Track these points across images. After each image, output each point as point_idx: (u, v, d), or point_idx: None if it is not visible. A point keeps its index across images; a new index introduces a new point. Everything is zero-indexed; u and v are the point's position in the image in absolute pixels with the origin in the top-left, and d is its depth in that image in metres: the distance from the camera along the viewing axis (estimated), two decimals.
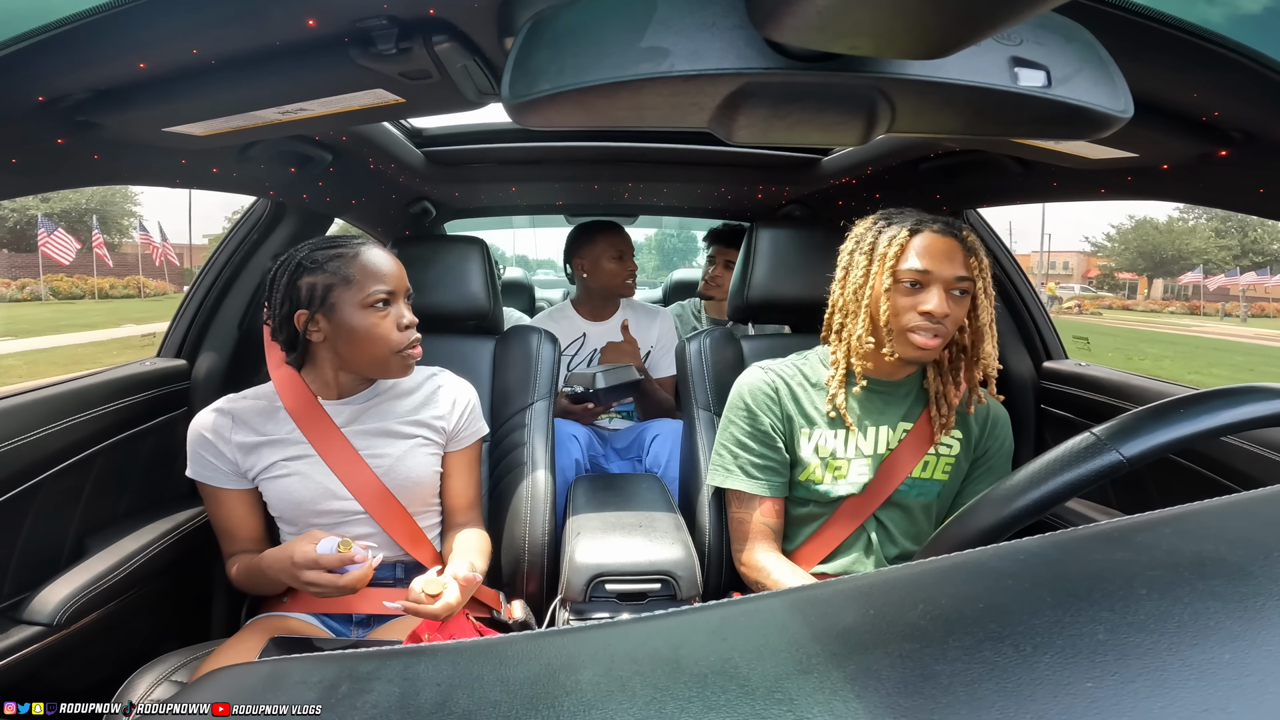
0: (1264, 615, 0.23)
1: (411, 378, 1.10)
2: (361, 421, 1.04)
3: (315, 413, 1.01)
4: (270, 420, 1.01)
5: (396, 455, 1.03)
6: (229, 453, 0.98)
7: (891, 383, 1.04)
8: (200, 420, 1.00)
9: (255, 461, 0.99)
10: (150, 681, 0.90)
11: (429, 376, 1.12)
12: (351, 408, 1.04)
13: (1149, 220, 43.09)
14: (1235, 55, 0.55)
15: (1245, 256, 39.34)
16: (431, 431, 1.07)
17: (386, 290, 0.98)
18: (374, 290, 0.97)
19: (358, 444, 1.02)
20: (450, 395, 1.10)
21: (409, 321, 1.00)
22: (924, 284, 0.96)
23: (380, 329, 0.97)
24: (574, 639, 0.26)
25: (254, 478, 1.00)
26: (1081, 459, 0.49)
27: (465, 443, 1.11)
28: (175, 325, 1.41)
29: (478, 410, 1.14)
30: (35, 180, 0.83)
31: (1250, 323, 26.06)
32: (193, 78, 0.68)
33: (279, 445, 1.00)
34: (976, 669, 0.21)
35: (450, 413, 1.09)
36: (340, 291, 0.97)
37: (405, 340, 0.99)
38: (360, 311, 0.97)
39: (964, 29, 0.38)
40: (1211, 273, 35.27)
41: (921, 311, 0.95)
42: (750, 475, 1.05)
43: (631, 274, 1.91)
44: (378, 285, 0.97)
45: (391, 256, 1.03)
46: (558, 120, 0.48)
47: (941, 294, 0.95)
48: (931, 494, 1.04)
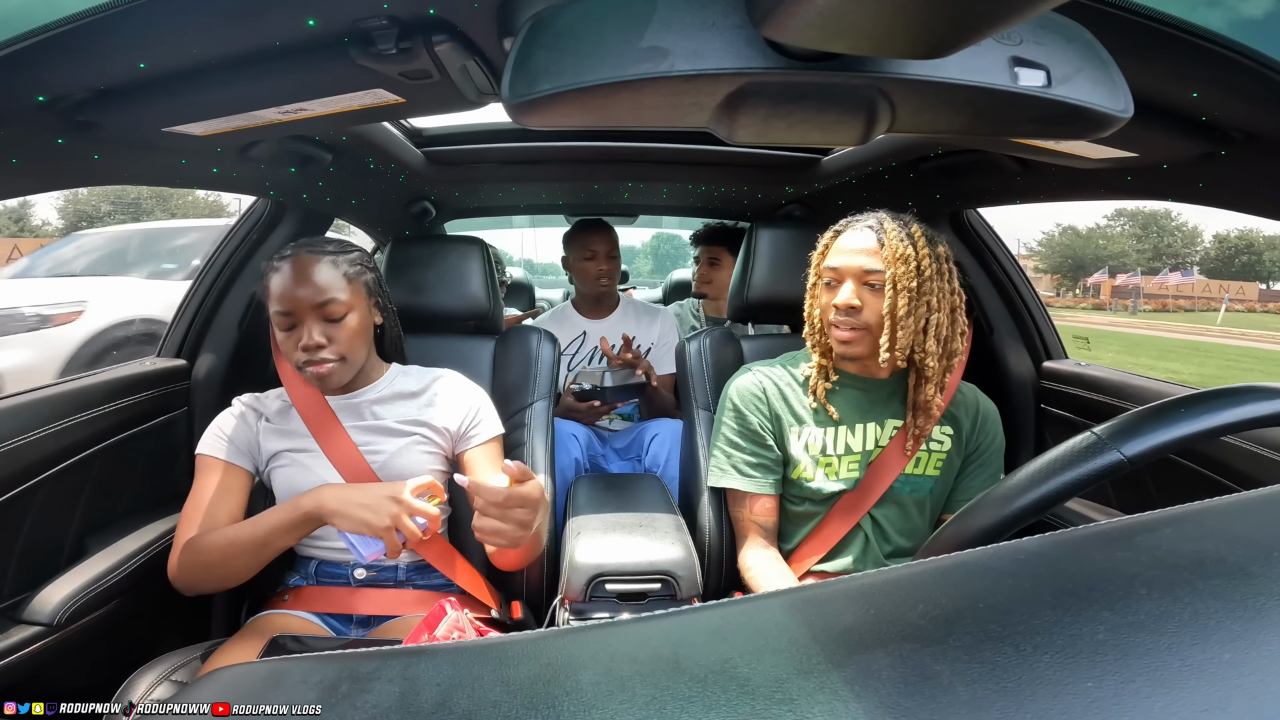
0: (1264, 615, 0.23)
1: (418, 380, 1.13)
2: (362, 418, 1.07)
3: (320, 408, 1.06)
4: (285, 414, 1.07)
5: (391, 451, 1.05)
6: (248, 436, 1.04)
7: (875, 380, 1.05)
8: (236, 403, 1.08)
9: (269, 448, 1.04)
10: (150, 681, 0.89)
11: (435, 379, 1.13)
12: (353, 403, 1.08)
13: (1072, 228, 50.60)
14: (1235, 55, 0.55)
15: (1159, 259, 46.63)
16: (430, 431, 1.07)
17: (284, 312, 0.99)
18: (275, 309, 0.99)
19: (358, 439, 1.05)
20: (455, 397, 1.11)
21: (305, 344, 0.98)
22: (837, 280, 1.00)
23: (285, 346, 1.01)
24: (574, 639, 0.26)
25: (265, 464, 1.05)
26: (1082, 458, 0.49)
27: (479, 440, 1.10)
28: (175, 325, 1.41)
29: (486, 409, 1.13)
30: (35, 180, 0.83)
31: (1139, 315, 32.79)
32: (193, 78, 0.68)
33: (288, 436, 1.05)
34: (976, 669, 0.21)
35: (454, 414, 1.10)
36: (266, 303, 1.01)
37: (303, 359, 0.99)
38: (275, 326, 1.01)
39: (964, 29, 0.38)
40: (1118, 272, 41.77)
41: (834, 306, 0.99)
42: (744, 474, 1.07)
43: (604, 273, 1.89)
44: (277, 306, 0.99)
45: (313, 269, 0.99)
46: (558, 120, 0.48)
47: (852, 288, 0.98)
48: (924, 490, 1.04)
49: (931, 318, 0.97)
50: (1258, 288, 46.50)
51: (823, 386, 1.05)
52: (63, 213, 35.24)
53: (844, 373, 1.06)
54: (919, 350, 0.97)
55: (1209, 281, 45.39)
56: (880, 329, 0.97)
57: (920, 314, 0.96)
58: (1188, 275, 37.27)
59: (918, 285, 0.95)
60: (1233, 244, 47.67)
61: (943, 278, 0.97)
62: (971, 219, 1.60)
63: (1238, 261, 47.03)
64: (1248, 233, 47.76)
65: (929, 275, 0.95)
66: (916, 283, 0.95)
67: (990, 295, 1.62)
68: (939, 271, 0.97)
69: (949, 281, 0.98)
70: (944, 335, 0.98)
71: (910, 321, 0.95)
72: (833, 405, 1.05)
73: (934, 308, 0.96)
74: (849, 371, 1.06)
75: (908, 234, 0.97)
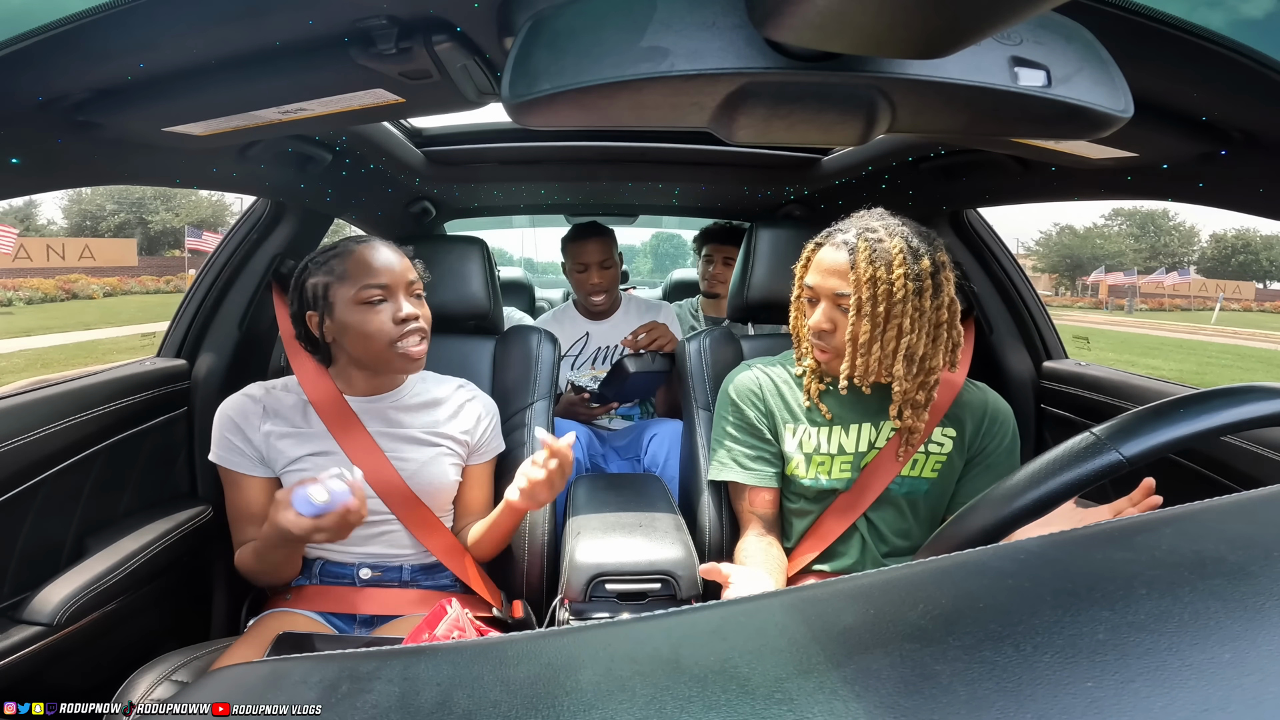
0: (1264, 615, 0.23)
1: (441, 388, 1.12)
2: (390, 425, 1.05)
3: (342, 410, 1.03)
4: (301, 414, 1.03)
5: (422, 461, 1.04)
6: (256, 440, 1.00)
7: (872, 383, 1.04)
8: (230, 404, 1.02)
9: (281, 452, 1.00)
10: (150, 681, 0.90)
11: (458, 388, 1.14)
12: (378, 407, 1.05)
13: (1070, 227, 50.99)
14: (1235, 55, 0.55)
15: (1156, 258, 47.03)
16: (455, 444, 1.09)
17: (379, 285, 0.97)
18: (365, 284, 0.96)
19: (384, 446, 1.03)
20: (476, 411, 1.12)
21: (405, 315, 0.98)
22: (814, 299, 1.00)
23: (372, 324, 0.96)
24: (574, 639, 0.26)
25: (279, 469, 1.01)
26: (1081, 459, 0.49)
27: (485, 457, 1.13)
28: (175, 325, 1.41)
29: (498, 426, 1.16)
30: (35, 180, 0.83)
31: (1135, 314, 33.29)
32: (193, 78, 0.68)
33: (307, 439, 1.01)
34: (976, 668, 0.21)
35: (475, 428, 1.11)
36: (336, 289, 0.98)
37: (399, 332, 0.97)
38: (354, 307, 0.97)
39: (964, 29, 0.38)
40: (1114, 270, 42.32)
41: (809, 327, 0.99)
42: (744, 467, 1.07)
43: (597, 287, 1.86)
44: (369, 279, 0.97)
45: (393, 250, 1.02)
46: (558, 120, 0.48)
47: (826, 309, 0.97)
48: (920, 492, 1.04)
49: (902, 340, 0.92)
50: (1254, 287, 46.69)
51: (816, 387, 1.05)
52: (67, 212, 35.86)
53: (837, 378, 1.06)
54: (884, 374, 0.95)
55: (1205, 281, 45.61)
56: (841, 349, 0.96)
57: (889, 337, 0.93)
58: (1184, 275, 37.78)
59: (885, 309, 0.91)
60: (1229, 243, 47.90)
61: (922, 296, 0.92)
62: (971, 219, 1.60)
63: (1234, 261, 47.27)
64: (1245, 232, 48.08)
65: (900, 297, 0.91)
66: (884, 307, 0.91)
67: (990, 295, 1.62)
68: (918, 290, 0.92)
69: (931, 298, 0.93)
70: (917, 356, 0.94)
71: (876, 348, 0.93)
72: (827, 405, 1.05)
73: (906, 330, 0.92)
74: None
75: (884, 251, 0.92)
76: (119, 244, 29.47)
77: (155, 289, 23.93)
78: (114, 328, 13.20)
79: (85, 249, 26.44)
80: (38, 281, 20.20)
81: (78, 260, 25.38)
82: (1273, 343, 18.17)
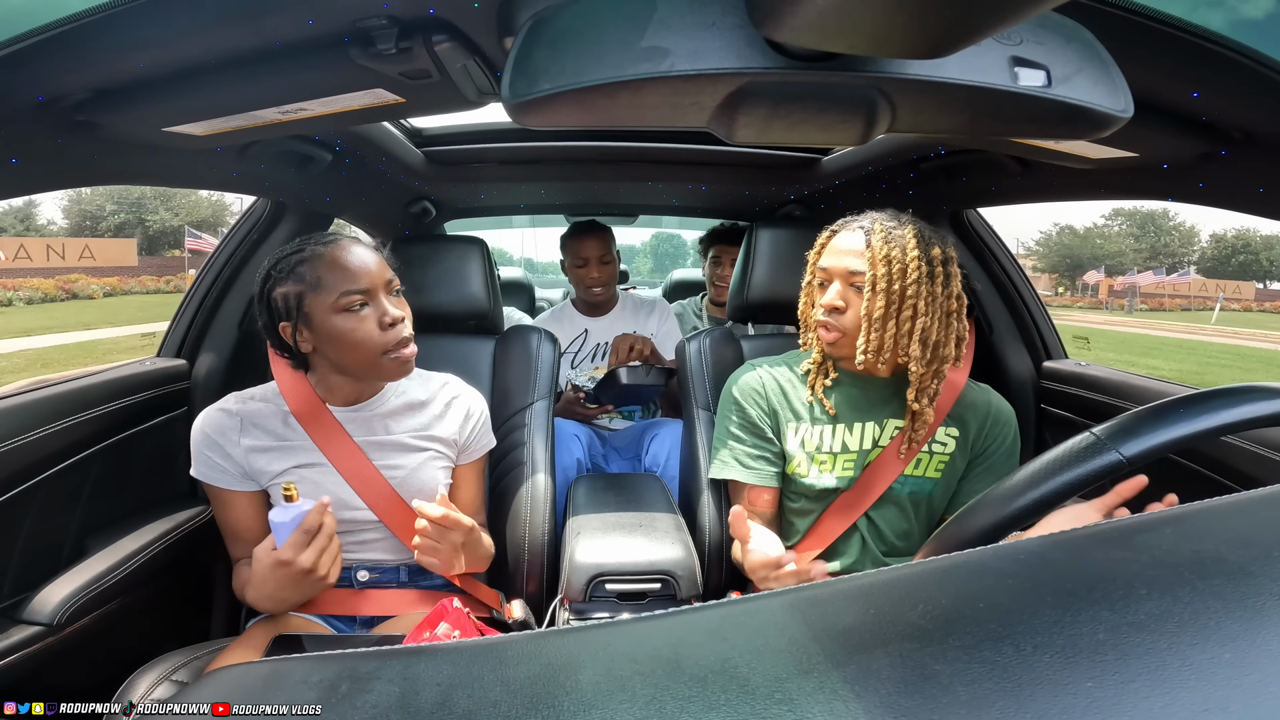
0: (1264, 615, 0.23)
1: (425, 388, 1.08)
2: (374, 432, 1.01)
3: (325, 420, 0.98)
4: (282, 425, 0.97)
5: (411, 468, 1.01)
6: (237, 455, 0.95)
7: (876, 380, 1.04)
8: (205, 420, 0.96)
9: (264, 466, 0.96)
10: (150, 681, 0.90)
11: (442, 386, 1.09)
12: (363, 415, 1.01)
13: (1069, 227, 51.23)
14: (1235, 55, 0.55)
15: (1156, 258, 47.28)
16: (444, 446, 1.06)
17: (359, 290, 0.90)
18: (344, 290, 0.89)
19: (371, 454, 0.99)
20: (463, 409, 1.08)
21: (393, 317, 0.92)
22: (827, 280, 1.00)
23: (359, 332, 0.90)
24: (574, 639, 0.26)
25: (264, 483, 0.97)
26: (1081, 459, 0.49)
27: (474, 456, 1.10)
28: (175, 325, 1.41)
29: (488, 423, 1.13)
30: (35, 180, 0.83)
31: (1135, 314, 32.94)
32: (193, 78, 0.68)
33: (290, 451, 0.96)
34: (976, 669, 0.21)
35: (463, 427, 1.07)
36: (311, 298, 0.90)
37: (391, 340, 0.92)
38: (335, 316, 0.90)
39: (964, 29, 0.38)
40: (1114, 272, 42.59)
41: (821, 305, 1.00)
42: (745, 465, 1.07)
43: (596, 280, 1.89)
44: (348, 285, 0.89)
45: (366, 249, 0.95)
46: (558, 120, 0.48)
47: (839, 289, 0.98)
48: (924, 492, 1.04)
49: (917, 321, 0.94)
50: (1254, 287, 46.70)
51: (821, 382, 1.05)
52: (67, 212, 35.89)
53: (844, 370, 1.06)
54: (901, 354, 0.96)
55: (1205, 280, 45.63)
56: (850, 330, 0.97)
57: (904, 317, 0.94)
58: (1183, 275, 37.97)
59: (900, 288, 0.93)
60: (1229, 243, 47.89)
61: (934, 281, 0.94)
62: (971, 219, 1.60)
63: (1234, 261, 47.27)
64: (1245, 232, 48.06)
65: (915, 278, 0.93)
66: (900, 285, 0.93)
67: (990, 295, 1.62)
68: (930, 275, 0.94)
69: (943, 285, 0.95)
70: (931, 340, 0.95)
71: (891, 325, 0.94)
72: (831, 402, 1.05)
73: (920, 311, 0.93)
74: (849, 370, 1.05)
75: (899, 235, 0.95)
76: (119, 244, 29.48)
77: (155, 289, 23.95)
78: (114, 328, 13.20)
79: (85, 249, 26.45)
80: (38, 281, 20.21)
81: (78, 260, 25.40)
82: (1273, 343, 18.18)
